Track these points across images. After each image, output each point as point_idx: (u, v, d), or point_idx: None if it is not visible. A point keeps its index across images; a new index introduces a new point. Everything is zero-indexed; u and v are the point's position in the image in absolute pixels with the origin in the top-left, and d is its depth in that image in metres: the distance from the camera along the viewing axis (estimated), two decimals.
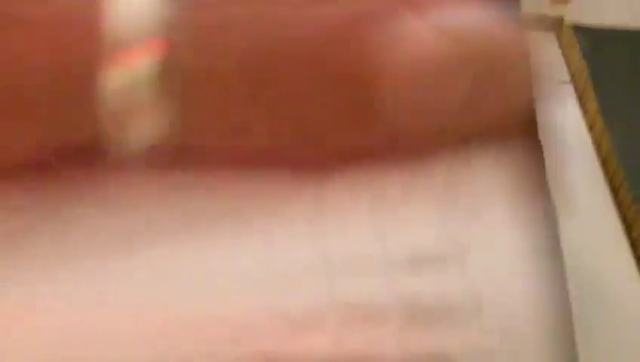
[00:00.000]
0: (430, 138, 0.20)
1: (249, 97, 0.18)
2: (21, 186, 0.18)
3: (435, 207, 0.20)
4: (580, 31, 0.60)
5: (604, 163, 0.54)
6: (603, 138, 0.54)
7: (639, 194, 0.50)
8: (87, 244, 0.18)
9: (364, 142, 0.19)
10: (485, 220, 0.20)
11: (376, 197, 0.19)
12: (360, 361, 0.18)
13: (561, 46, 0.60)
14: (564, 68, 0.59)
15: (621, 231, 0.51)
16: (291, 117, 0.18)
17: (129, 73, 0.17)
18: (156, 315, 0.17)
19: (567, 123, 0.56)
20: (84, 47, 0.17)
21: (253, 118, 0.18)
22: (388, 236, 0.19)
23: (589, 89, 0.56)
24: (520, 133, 0.22)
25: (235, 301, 0.18)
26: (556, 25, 0.61)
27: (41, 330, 0.17)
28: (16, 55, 0.17)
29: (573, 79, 0.58)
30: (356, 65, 0.18)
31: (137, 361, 0.17)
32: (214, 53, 0.17)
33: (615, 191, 0.53)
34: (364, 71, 0.18)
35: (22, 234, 0.18)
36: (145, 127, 0.17)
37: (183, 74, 0.17)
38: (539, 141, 0.25)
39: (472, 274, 0.19)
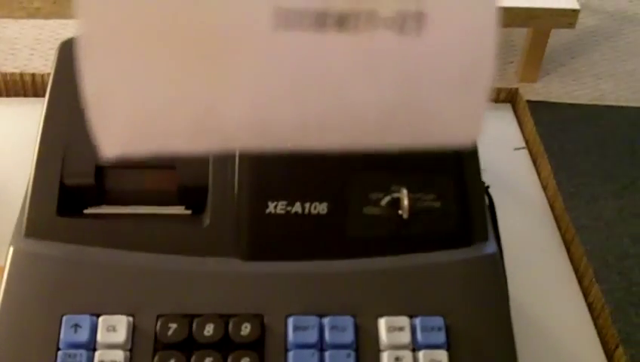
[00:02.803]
0: None
1: None
2: None
3: None
4: (533, 103, 0.66)
5: (558, 219, 0.59)
6: (556, 197, 0.60)
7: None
8: None
9: None
10: None
11: None
12: None
13: (516, 115, 0.66)
14: (520, 135, 0.65)
15: (575, 280, 0.56)
16: None
17: None
18: None
19: (524, 183, 0.62)
20: None
21: None
22: None
23: (542, 154, 0.62)
24: None
25: None
26: (512, 96, 0.68)
27: None
28: None
29: (528, 145, 0.64)
30: None
31: None
32: None
33: (567, 244, 0.58)
34: None
35: None
36: None
37: None
38: None
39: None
